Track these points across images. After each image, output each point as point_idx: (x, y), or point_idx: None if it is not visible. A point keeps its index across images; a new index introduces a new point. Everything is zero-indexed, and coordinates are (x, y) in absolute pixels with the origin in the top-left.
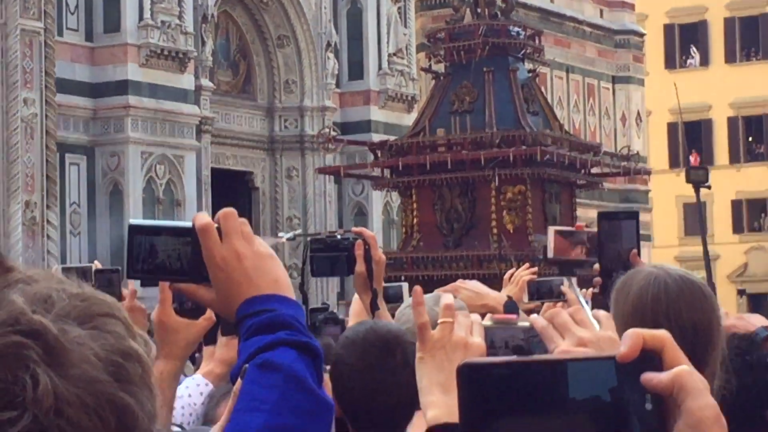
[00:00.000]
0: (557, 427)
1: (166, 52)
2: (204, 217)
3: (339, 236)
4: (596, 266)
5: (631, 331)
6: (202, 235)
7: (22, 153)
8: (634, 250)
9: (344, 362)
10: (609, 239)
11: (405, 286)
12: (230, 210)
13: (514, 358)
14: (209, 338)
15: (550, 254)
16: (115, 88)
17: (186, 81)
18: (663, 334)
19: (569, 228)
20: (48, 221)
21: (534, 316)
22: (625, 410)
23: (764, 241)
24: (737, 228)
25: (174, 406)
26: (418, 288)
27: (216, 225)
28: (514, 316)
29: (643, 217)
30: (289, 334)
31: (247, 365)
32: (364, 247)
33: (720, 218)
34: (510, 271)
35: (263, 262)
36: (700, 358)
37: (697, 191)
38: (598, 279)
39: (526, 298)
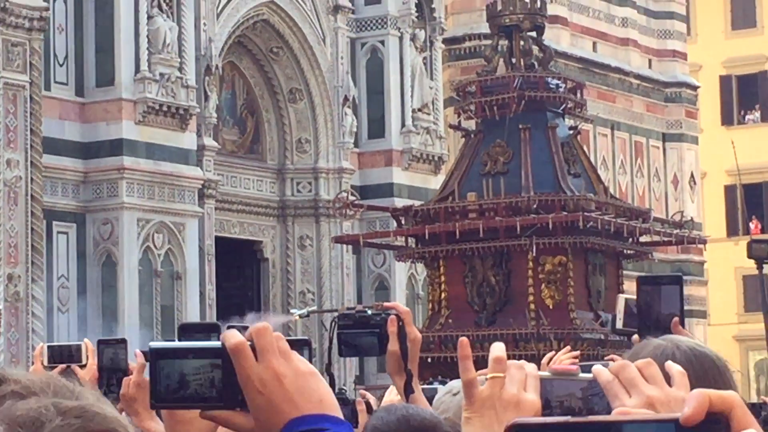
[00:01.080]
0: None
1: (165, 108)
2: (235, 336)
3: (370, 312)
4: (635, 337)
5: (697, 392)
6: (236, 356)
7: (4, 220)
8: (676, 318)
9: None
10: (649, 306)
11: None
12: (264, 325)
13: (567, 418)
14: None
15: (619, 325)
16: (109, 148)
17: (187, 140)
18: (732, 396)
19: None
20: (33, 297)
21: (598, 367)
22: None
23: None
24: None
25: None
26: (464, 340)
27: (249, 342)
28: (575, 368)
29: (698, 291)
30: None
31: None
32: (398, 323)
33: None
34: (549, 354)
35: (305, 380)
36: None
37: (759, 268)
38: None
39: None
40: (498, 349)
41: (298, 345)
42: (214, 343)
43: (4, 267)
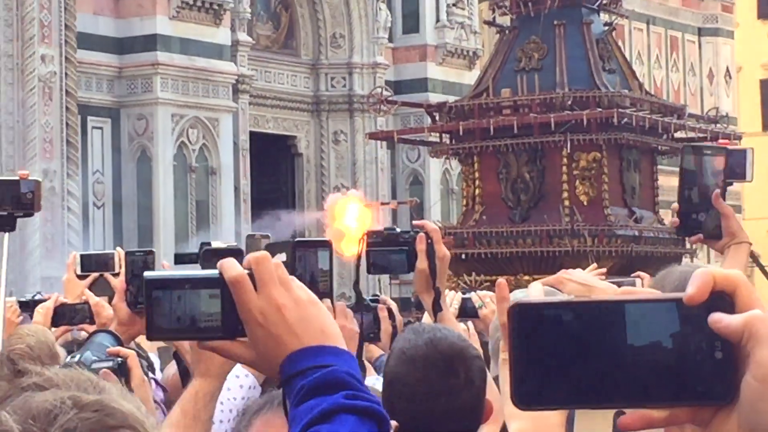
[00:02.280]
0: (614, 375)
1: (199, 3)
2: (233, 267)
3: (399, 230)
4: (674, 205)
5: (701, 271)
6: (235, 288)
7: (39, 116)
8: (717, 191)
9: (402, 382)
10: (692, 176)
11: (474, 298)
12: (263, 254)
13: (570, 298)
14: None
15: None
16: (143, 43)
17: (221, 35)
18: (737, 275)
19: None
20: (69, 192)
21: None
22: (691, 358)
23: None
24: None
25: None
26: (501, 281)
27: (248, 272)
28: None
29: (733, 186)
30: (347, 398)
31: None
32: (427, 241)
33: None
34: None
35: (306, 310)
36: None
37: None
38: (675, 219)
39: None
40: (536, 288)
41: (317, 245)
42: (212, 273)
43: (39, 162)
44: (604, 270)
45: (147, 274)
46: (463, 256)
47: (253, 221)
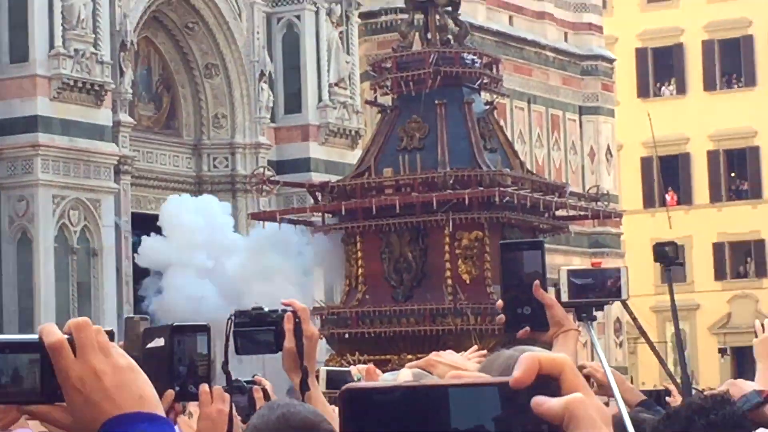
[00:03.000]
0: None
1: (80, 84)
2: (52, 333)
3: (266, 309)
4: (499, 302)
5: (527, 355)
6: (54, 353)
7: None
8: (537, 282)
9: None
10: (512, 272)
11: (353, 371)
12: (83, 320)
13: (397, 383)
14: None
15: (565, 298)
16: (24, 124)
17: (103, 116)
18: (562, 359)
19: (584, 267)
20: None
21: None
22: None
23: (749, 288)
24: (719, 274)
25: None
26: (370, 366)
27: (68, 337)
28: None
29: (614, 263)
30: None
31: None
32: (294, 320)
33: (700, 263)
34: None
35: (125, 376)
36: None
37: (668, 271)
38: (501, 317)
39: None
40: (405, 375)
41: (195, 330)
42: (32, 337)
43: None
44: (484, 351)
45: None
46: (347, 336)
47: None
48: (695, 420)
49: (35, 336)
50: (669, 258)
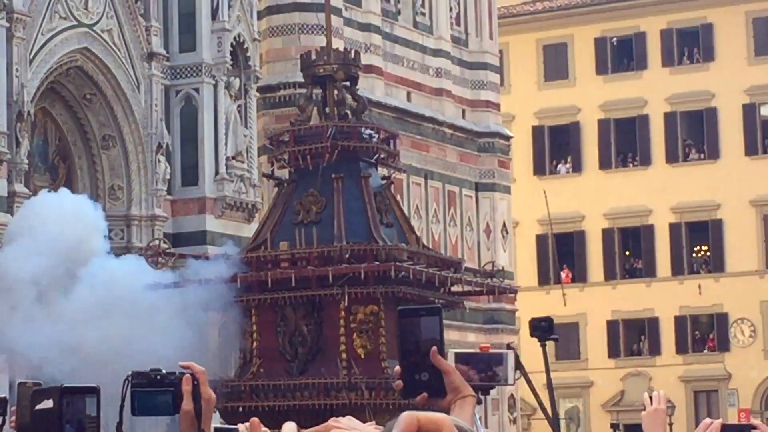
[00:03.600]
0: None
1: None
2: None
3: (165, 371)
4: (397, 368)
5: (407, 414)
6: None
7: None
8: (434, 348)
9: None
10: (409, 338)
11: (240, 428)
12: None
13: None
14: None
15: None
16: None
17: None
18: (441, 418)
19: (471, 350)
20: None
21: None
22: None
23: (643, 366)
24: (613, 352)
25: None
26: (254, 420)
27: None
28: None
29: (509, 339)
30: None
31: None
32: (193, 382)
33: (594, 341)
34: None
35: None
36: None
37: (543, 345)
38: (399, 382)
39: None
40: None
41: (84, 392)
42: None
43: None
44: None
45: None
46: (241, 409)
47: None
48: None
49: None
50: (544, 332)
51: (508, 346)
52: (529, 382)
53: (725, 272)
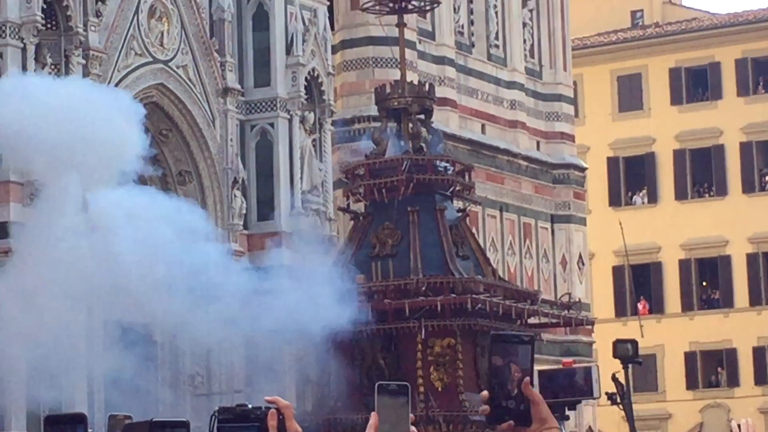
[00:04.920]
0: None
1: None
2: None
3: (251, 406)
4: (484, 393)
5: None
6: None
7: None
8: (527, 379)
9: None
10: (500, 365)
11: None
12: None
13: None
14: None
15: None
16: None
17: None
18: None
19: (555, 367)
20: None
21: None
22: None
23: (721, 397)
24: (691, 383)
25: None
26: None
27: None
28: None
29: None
30: None
31: None
32: (278, 417)
33: (672, 372)
34: None
35: None
36: None
37: (626, 368)
38: (485, 407)
39: None
40: None
41: (172, 426)
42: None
43: None
44: None
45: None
46: None
47: None
48: None
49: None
50: (628, 355)
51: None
52: (624, 402)
53: None
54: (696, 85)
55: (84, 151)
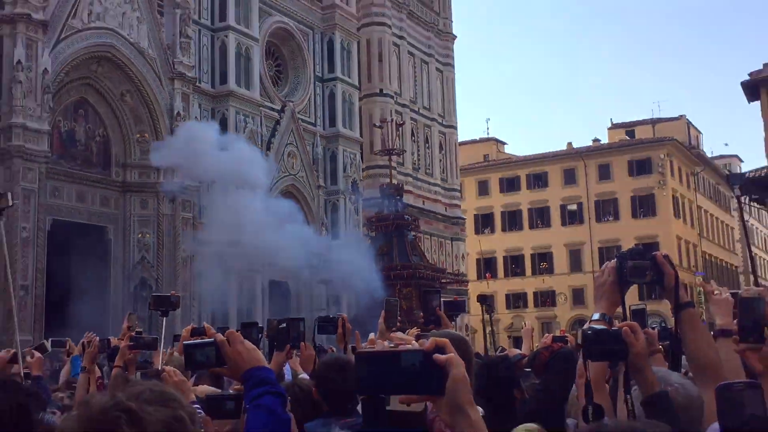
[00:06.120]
0: None
1: None
2: (218, 336)
3: (332, 315)
4: (421, 313)
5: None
6: (220, 345)
7: None
8: (440, 313)
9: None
10: (428, 301)
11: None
12: (230, 331)
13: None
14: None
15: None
16: None
17: None
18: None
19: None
20: None
21: None
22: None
23: None
24: None
25: None
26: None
27: (226, 338)
28: None
29: None
30: (268, 388)
31: (248, 406)
32: (342, 323)
33: None
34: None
35: (250, 352)
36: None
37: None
38: (420, 320)
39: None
40: None
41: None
42: (208, 340)
43: None
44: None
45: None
46: None
47: None
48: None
49: (211, 340)
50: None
51: None
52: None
53: None
54: None
55: (236, 171)
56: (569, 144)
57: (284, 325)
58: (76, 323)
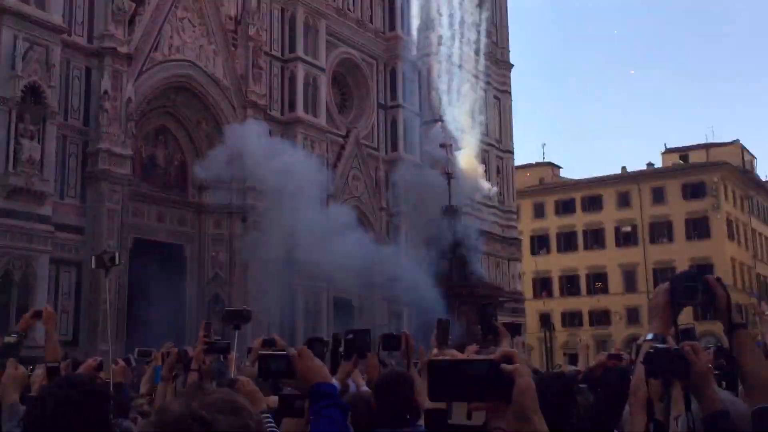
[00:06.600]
0: None
1: None
2: (290, 350)
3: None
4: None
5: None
6: (293, 360)
7: None
8: (502, 327)
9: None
10: (485, 313)
11: None
12: (303, 348)
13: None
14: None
15: None
16: None
17: None
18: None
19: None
20: None
21: None
22: None
23: None
24: None
25: None
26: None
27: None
28: None
29: None
30: (333, 401)
31: (312, 416)
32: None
33: None
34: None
35: (317, 369)
36: None
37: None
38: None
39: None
40: None
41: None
42: (282, 352)
43: None
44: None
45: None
46: None
47: None
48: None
49: (284, 352)
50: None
51: None
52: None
53: None
54: None
55: (293, 179)
56: (623, 168)
57: (351, 335)
58: (155, 335)
